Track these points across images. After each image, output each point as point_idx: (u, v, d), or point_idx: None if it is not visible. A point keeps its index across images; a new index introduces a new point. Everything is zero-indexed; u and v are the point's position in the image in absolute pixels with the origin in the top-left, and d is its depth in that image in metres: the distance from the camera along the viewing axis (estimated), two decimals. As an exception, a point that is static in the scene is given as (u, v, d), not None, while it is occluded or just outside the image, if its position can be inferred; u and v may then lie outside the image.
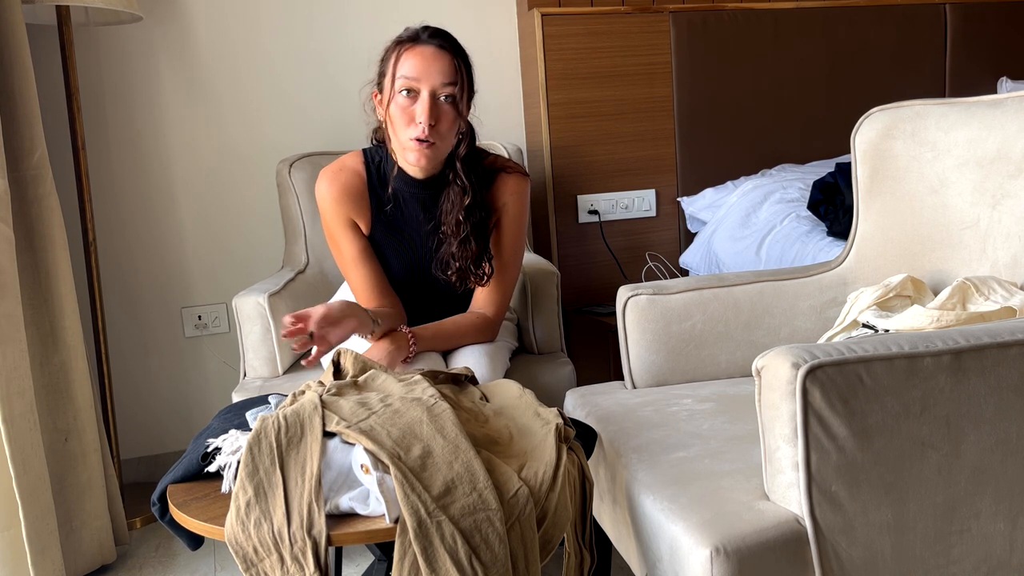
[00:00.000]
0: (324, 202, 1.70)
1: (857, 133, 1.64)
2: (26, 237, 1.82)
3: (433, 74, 1.56)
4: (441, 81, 1.57)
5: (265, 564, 1.01)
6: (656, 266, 2.65)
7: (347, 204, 1.69)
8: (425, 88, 1.56)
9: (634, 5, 2.59)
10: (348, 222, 1.70)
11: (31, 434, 1.70)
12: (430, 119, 1.56)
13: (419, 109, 1.56)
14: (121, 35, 2.32)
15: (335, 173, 1.70)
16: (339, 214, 1.69)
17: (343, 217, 1.70)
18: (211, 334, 2.47)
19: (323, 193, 1.70)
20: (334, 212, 1.69)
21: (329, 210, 1.70)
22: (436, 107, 1.57)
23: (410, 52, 1.58)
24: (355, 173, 1.70)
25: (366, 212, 1.71)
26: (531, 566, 1.04)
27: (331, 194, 1.69)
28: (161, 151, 2.39)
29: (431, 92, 1.56)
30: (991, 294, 1.33)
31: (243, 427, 1.24)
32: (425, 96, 1.56)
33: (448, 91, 1.57)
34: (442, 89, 1.57)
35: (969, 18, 2.86)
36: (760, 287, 1.63)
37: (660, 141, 2.63)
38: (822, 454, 1.00)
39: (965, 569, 1.06)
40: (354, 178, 1.70)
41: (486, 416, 1.25)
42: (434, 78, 1.56)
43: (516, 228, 1.74)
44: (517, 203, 1.73)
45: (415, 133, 1.57)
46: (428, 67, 1.56)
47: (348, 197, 1.69)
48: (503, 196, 1.72)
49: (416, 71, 1.56)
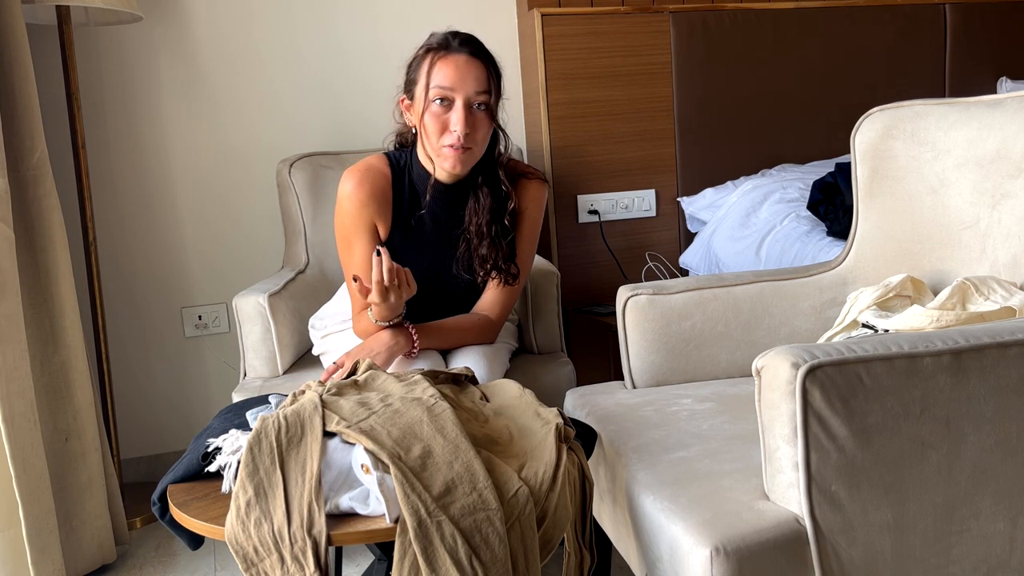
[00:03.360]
0: (349, 202, 1.67)
1: (857, 133, 1.64)
2: (26, 237, 1.82)
3: (468, 82, 1.56)
4: (475, 89, 1.57)
5: (265, 564, 1.01)
6: (656, 266, 2.65)
7: (372, 206, 1.67)
8: (459, 97, 1.57)
9: (634, 5, 2.59)
10: (369, 224, 1.68)
11: (31, 434, 1.70)
12: (466, 127, 1.56)
13: (454, 118, 1.57)
14: (121, 35, 2.32)
15: (363, 173, 1.68)
16: (362, 216, 1.67)
17: (365, 219, 1.68)
18: (211, 334, 2.47)
19: (349, 192, 1.67)
20: (357, 213, 1.67)
21: (352, 211, 1.67)
22: (471, 115, 1.58)
23: (443, 61, 1.58)
24: (382, 175, 1.69)
25: (388, 215, 1.69)
26: (531, 566, 1.04)
27: (358, 195, 1.66)
28: (161, 151, 2.39)
29: (465, 101, 1.57)
30: (991, 294, 1.33)
31: (243, 427, 1.24)
32: (459, 105, 1.56)
33: (482, 99, 1.58)
34: (476, 97, 1.57)
35: (969, 18, 2.86)
36: (760, 287, 1.63)
37: (660, 141, 2.63)
38: (822, 454, 1.00)
39: (965, 569, 1.06)
40: (381, 180, 1.68)
41: (486, 416, 1.25)
42: (468, 87, 1.56)
43: (531, 234, 1.75)
44: (535, 209, 1.75)
45: (450, 141, 1.58)
46: (462, 76, 1.56)
47: (374, 199, 1.67)
48: (523, 202, 1.73)
49: (450, 80, 1.56)
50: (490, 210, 1.67)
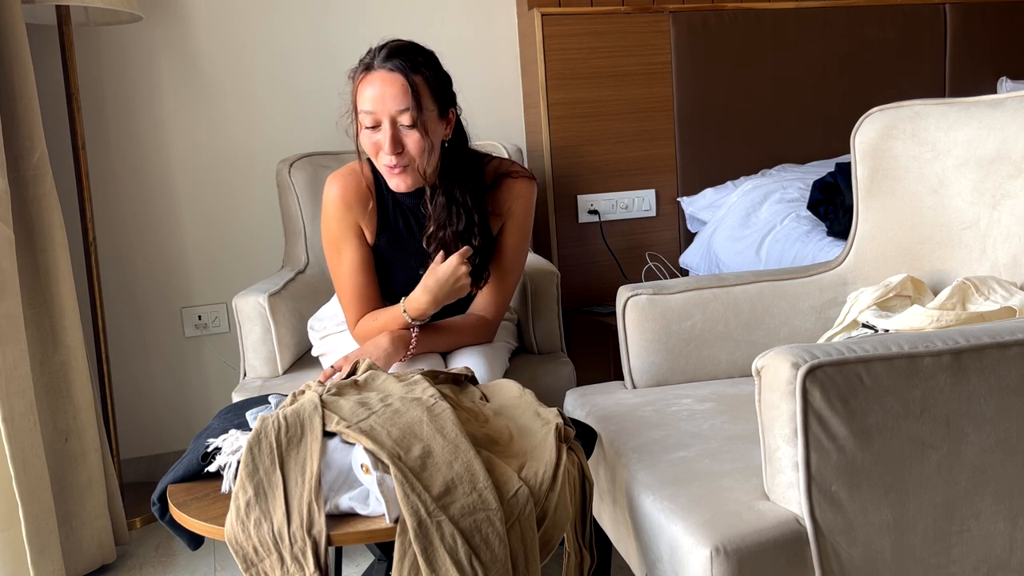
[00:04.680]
0: (333, 206, 1.66)
1: (857, 133, 1.64)
2: (26, 237, 1.82)
3: (387, 102, 1.52)
4: (396, 108, 1.52)
5: (265, 564, 1.01)
6: (656, 266, 2.65)
7: (357, 208, 1.66)
8: (384, 118, 1.53)
9: (634, 5, 2.59)
10: (355, 228, 1.68)
11: (31, 434, 1.70)
12: (394, 148, 1.53)
13: (382, 139, 1.54)
14: (121, 35, 2.32)
15: (345, 177, 1.67)
16: (347, 219, 1.66)
17: (351, 222, 1.67)
18: (211, 334, 2.47)
19: (333, 197, 1.66)
20: (342, 217, 1.66)
21: (337, 215, 1.66)
22: (398, 133, 1.54)
23: (364, 82, 1.54)
24: (365, 179, 1.67)
25: (373, 219, 1.68)
26: (531, 566, 1.04)
27: (342, 198, 1.65)
28: (161, 151, 2.39)
29: (390, 120, 1.53)
30: (991, 294, 1.33)
31: (243, 427, 1.24)
32: (386, 126, 1.53)
33: (404, 117, 1.53)
34: (398, 115, 1.53)
35: (969, 18, 2.86)
36: (760, 287, 1.63)
37: (660, 141, 2.63)
38: (822, 454, 1.00)
39: (965, 569, 1.06)
40: (364, 184, 1.67)
41: (486, 416, 1.25)
42: (388, 106, 1.52)
43: (520, 233, 1.73)
44: (522, 208, 1.72)
45: (384, 162, 1.56)
46: (381, 96, 1.52)
47: (358, 202, 1.66)
48: (508, 201, 1.70)
49: (371, 103, 1.53)
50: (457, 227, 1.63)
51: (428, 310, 1.62)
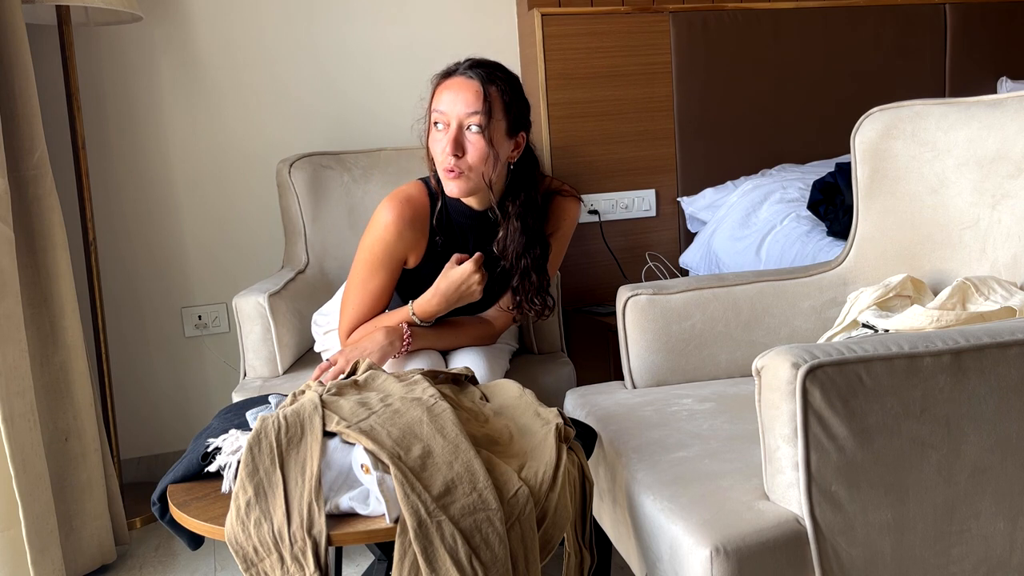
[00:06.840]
0: (387, 231, 1.62)
1: (857, 133, 1.64)
2: (26, 237, 1.82)
3: (458, 104, 1.54)
4: (465, 111, 1.54)
5: (265, 564, 1.01)
6: (656, 266, 2.65)
7: (409, 236, 1.64)
8: (452, 119, 1.55)
9: (634, 5, 2.59)
10: (401, 258, 1.66)
11: (31, 434, 1.70)
12: (454, 150, 1.54)
13: (446, 140, 1.55)
14: (121, 35, 2.32)
15: (402, 203, 1.63)
16: (397, 247, 1.64)
17: (399, 251, 1.64)
18: (211, 334, 2.47)
19: (388, 222, 1.62)
20: (393, 244, 1.63)
21: (388, 241, 1.63)
22: (461, 137, 1.55)
23: (443, 86, 1.58)
24: (421, 204, 1.65)
25: (423, 246, 1.66)
26: (531, 566, 1.04)
27: (397, 227, 1.62)
28: (161, 151, 2.39)
29: (457, 123, 1.55)
30: (991, 294, 1.33)
31: (243, 427, 1.24)
32: (453, 127, 1.55)
33: (473, 120, 1.54)
34: (467, 119, 1.54)
35: (969, 18, 2.86)
36: (760, 287, 1.63)
37: (660, 141, 2.63)
38: (822, 454, 1.00)
39: (965, 569, 1.06)
40: (421, 210, 1.65)
41: (486, 416, 1.25)
42: (458, 108, 1.54)
43: (559, 251, 1.76)
44: (568, 227, 1.75)
45: (443, 164, 1.57)
46: (454, 98, 1.55)
47: (413, 230, 1.64)
48: (557, 220, 1.73)
49: (444, 104, 1.56)
50: (523, 243, 1.64)
51: (436, 311, 1.63)
